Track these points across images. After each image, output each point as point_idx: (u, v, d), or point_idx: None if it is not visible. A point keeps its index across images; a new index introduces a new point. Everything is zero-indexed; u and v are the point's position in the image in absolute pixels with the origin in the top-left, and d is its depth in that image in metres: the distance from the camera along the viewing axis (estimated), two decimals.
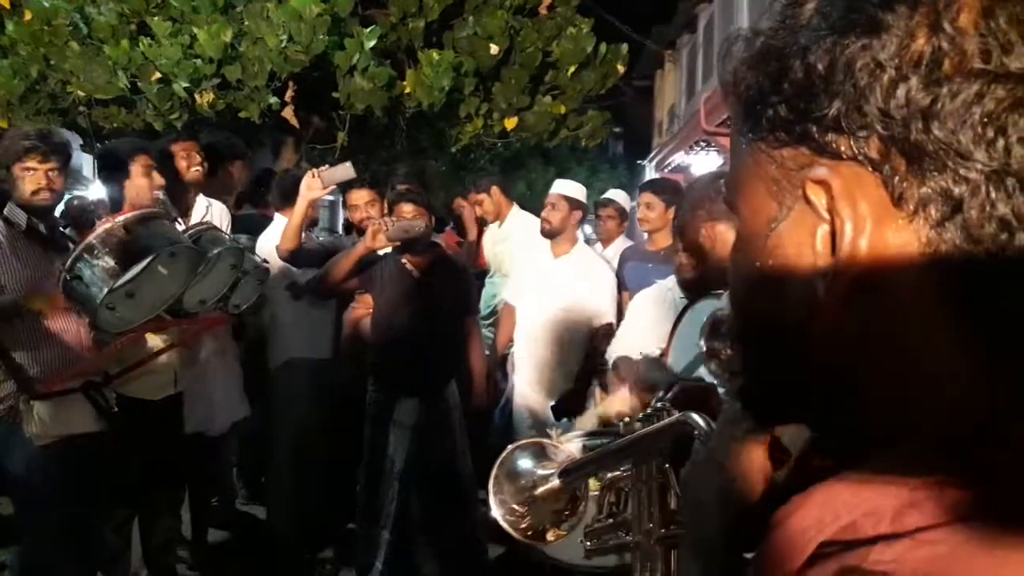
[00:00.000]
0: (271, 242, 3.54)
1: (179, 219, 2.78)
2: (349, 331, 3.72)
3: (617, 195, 5.07)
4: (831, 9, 0.41)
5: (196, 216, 3.29)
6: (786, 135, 0.44)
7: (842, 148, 0.41)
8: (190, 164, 3.36)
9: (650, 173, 14.82)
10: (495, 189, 4.70)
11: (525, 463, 1.00)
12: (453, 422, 3.54)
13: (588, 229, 6.95)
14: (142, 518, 3.27)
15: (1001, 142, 0.37)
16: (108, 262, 2.09)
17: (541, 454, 1.00)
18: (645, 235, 4.40)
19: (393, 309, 3.46)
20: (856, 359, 0.43)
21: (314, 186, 3.35)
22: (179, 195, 3.35)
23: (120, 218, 2.23)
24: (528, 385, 3.90)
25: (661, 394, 0.78)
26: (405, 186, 3.90)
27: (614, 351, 3.41)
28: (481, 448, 3.78)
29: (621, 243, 4.84)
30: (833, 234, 0.41)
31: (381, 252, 3.43)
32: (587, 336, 3.69)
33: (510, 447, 1.02)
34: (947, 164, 0.38)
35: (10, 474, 2.48)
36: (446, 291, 3.53)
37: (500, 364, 4.14)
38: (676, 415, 0.70)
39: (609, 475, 0.84)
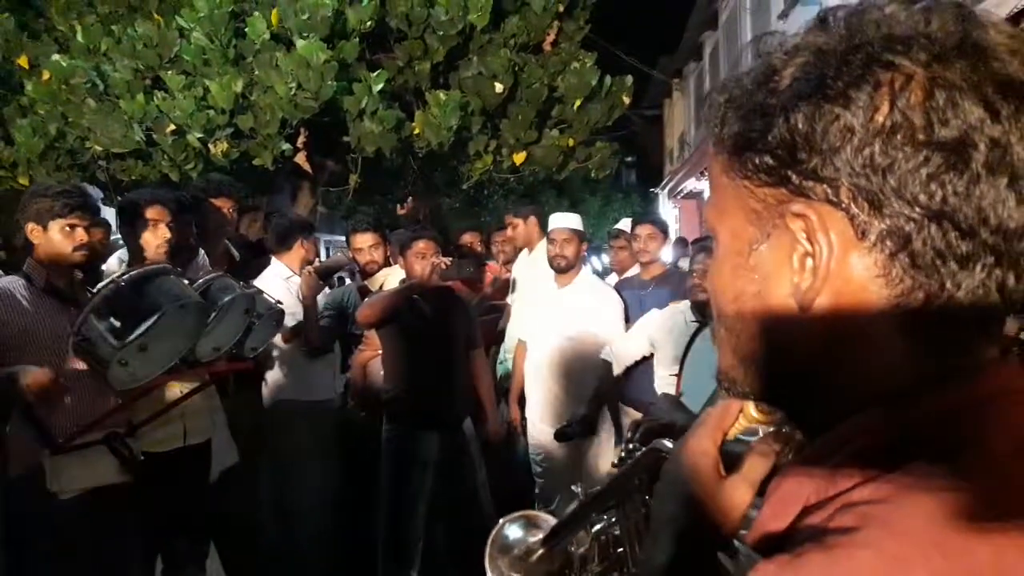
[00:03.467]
0: (266, 286, 3.53)
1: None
2: (359, 373, 3.75)
3: (628, 225, 5.09)
4: (808, 79, 0.51)
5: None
6: (768, 177, 0.53)
7: (817, 192, 0.51)
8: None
9: (663, 200, 14.85)
10: (532, 219, 4.71)
11: (515, 534, 1.08)
12: (472, 455, 3.54)
13: (606, 259, 6.97)
14: (166, 570, 3.25)
15: (940, 193, 0.48)
16: (114, 322, 2.10)
17: (530, 524, 1.08)
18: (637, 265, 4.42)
19: (407, 347, 3.48)
20: (821, 351, 0.53)
21: (312, 283, 3.54)
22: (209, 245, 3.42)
23: (125, 276, 2.26)
24: (540, 419, 3.89)
25: (629, 435, 0.83)
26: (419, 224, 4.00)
27: (613, 352, 3.47)
28: (497, 480, 3.77)
29: (635, 272, 4.84)
30: (807, 256, 0.52)
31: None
32: (598, 363, 3.70)
33: (500, 521, 1.10)
34: (900, 209, 0.49)
35: (34, 530, 2.47)
36: (456, 327, 3.56)
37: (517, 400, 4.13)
38: (646, 447, 0.73)
39: (596, 527, 0.87)
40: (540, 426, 3.89)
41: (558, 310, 3.87)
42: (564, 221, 4.06)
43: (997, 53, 0.49)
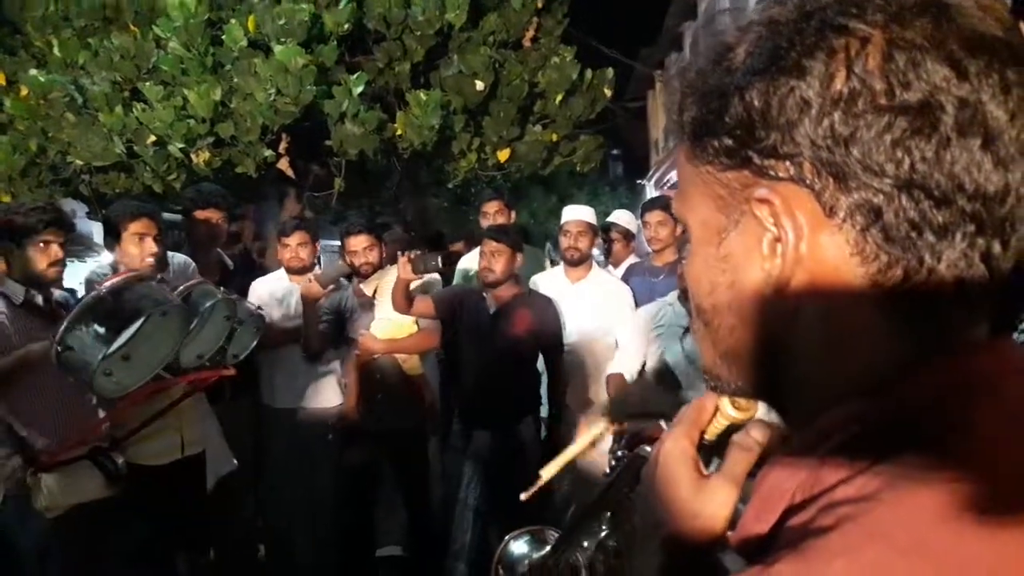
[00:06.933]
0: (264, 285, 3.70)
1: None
2: (354, 378, 3.74)
3: (621, 217, 5.08)
4: (760, 53, 0.49)
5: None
6: (729, 160, 0.51)
7: (780, 171, 0.49)
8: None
9: (650, 192, 14.87)
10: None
11: (521, 549, 1.08)
12: (528, 457, 3.46)
13: (595, 252, 6.96)
14: None
15: (908, 160, 0.45)
16: (98, 329, 2.10)
17: (535, 539, 1.08)
18: (651, 251, 4.40)
19: (467, 342, 3.52)
20: (798, 339, 0.51)
21: (313, 290, 3.57)
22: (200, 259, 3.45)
23: (106, 284, 2.26)
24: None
25: (615, 443, 0.83)
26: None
27: (611, 367, 3.43)
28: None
29: (630, 263, 4.82)
30: (777, 241, 0.49)
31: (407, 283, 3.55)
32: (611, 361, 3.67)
33: (506, 538, 1.10)
34: (866, 180, 0.46)
35: (23, 550, 2.46)
36: (524, 326, 3.48)
37: None
38: (631, 454, 0.73)
39: (599, 537, 0.86)
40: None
41: (573, 305, 3.79)
42: (578, 213, 4.01)
43: (964, 9, 0.46)
